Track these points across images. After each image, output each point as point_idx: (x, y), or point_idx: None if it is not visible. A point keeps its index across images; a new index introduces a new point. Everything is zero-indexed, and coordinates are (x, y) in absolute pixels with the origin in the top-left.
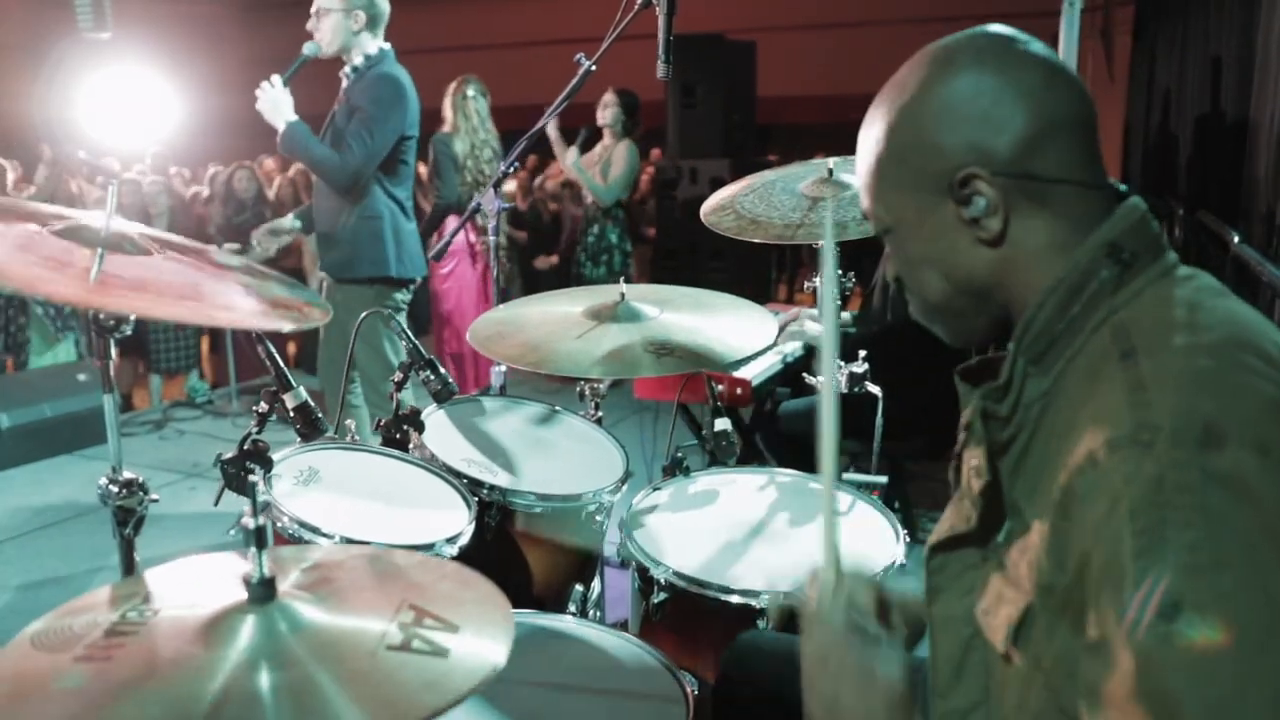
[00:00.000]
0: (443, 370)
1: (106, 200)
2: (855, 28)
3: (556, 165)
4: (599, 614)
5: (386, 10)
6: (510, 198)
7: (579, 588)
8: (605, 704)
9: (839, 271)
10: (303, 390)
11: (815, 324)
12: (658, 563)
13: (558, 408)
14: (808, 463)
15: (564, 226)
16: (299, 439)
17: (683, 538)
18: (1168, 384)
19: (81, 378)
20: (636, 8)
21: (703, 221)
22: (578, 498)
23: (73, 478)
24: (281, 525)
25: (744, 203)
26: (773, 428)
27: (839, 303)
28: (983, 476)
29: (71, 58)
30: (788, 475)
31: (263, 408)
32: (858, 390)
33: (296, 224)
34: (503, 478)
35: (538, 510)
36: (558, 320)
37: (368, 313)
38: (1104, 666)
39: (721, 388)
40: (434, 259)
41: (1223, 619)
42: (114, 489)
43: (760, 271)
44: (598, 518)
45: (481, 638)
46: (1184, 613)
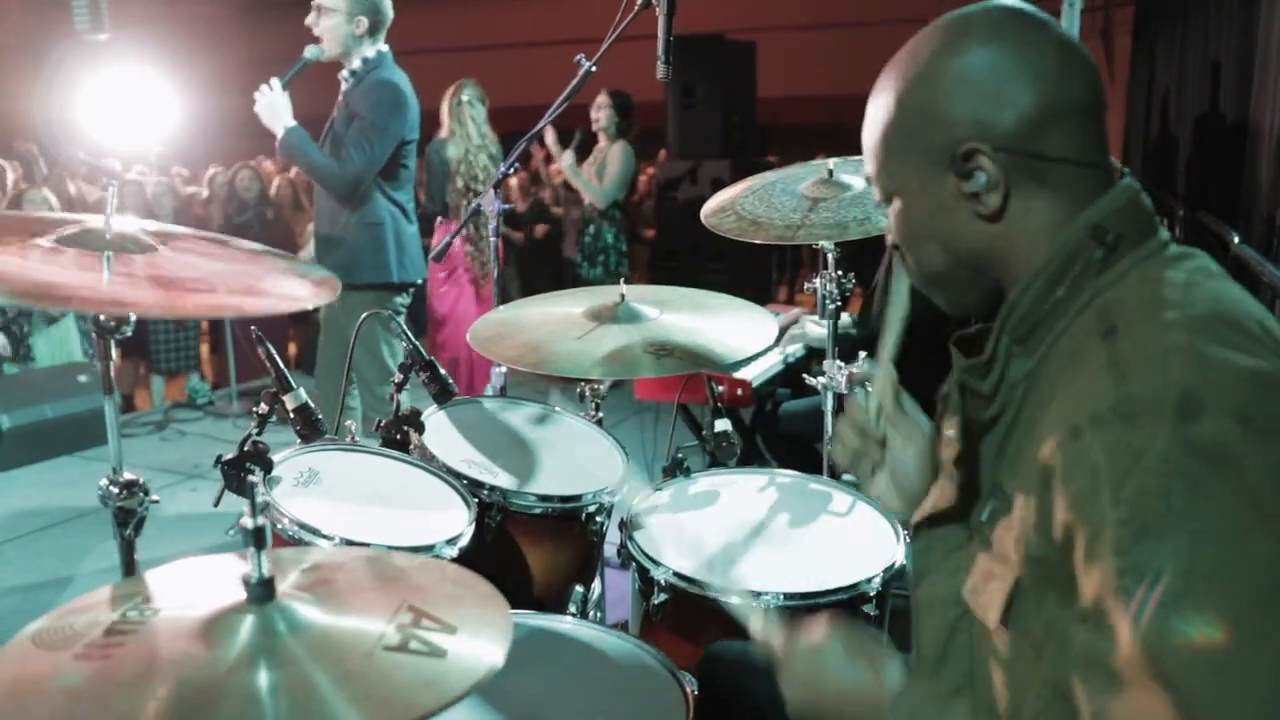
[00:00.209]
0: (442, 371)
1: (107, 201)
2: (855, 28)
3: (554, 165)
4: (599, 615)
5: (389, 16)
6: (508, 198)
7: (579, 588)
8: (605, 705)
9: (839, 272)
10: (303, 391)
11: (816, 326)
12: (658, 563)
13: (557, 408)
14: (808, 463)
15: (565, 226)
16: (299, 440)
17: (683, 539)
18: (1147, 358)
19: (82, 379)
20: (636, 8)
21: (703, 223)
22: (578, 499)
23: (73, 479)
24: (281, 527)
25: (744, 204)
26: (773, 428)
27: (838, 303)
28: (954, 446)
29: (71, 58)
30: (788, 476)
31: (263, 409)
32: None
33: None
34: (503, 479)
35: (538, 511)
36: (558, 321)
37: (368, 314)
38: (1097, 638)
39: (722, 388)
40: (434, 260)
41: (1209, 585)
42: (114, 490)
43: (760, 273)
44: (598, 519)
45: (479, 639)
46: (1171, 580)
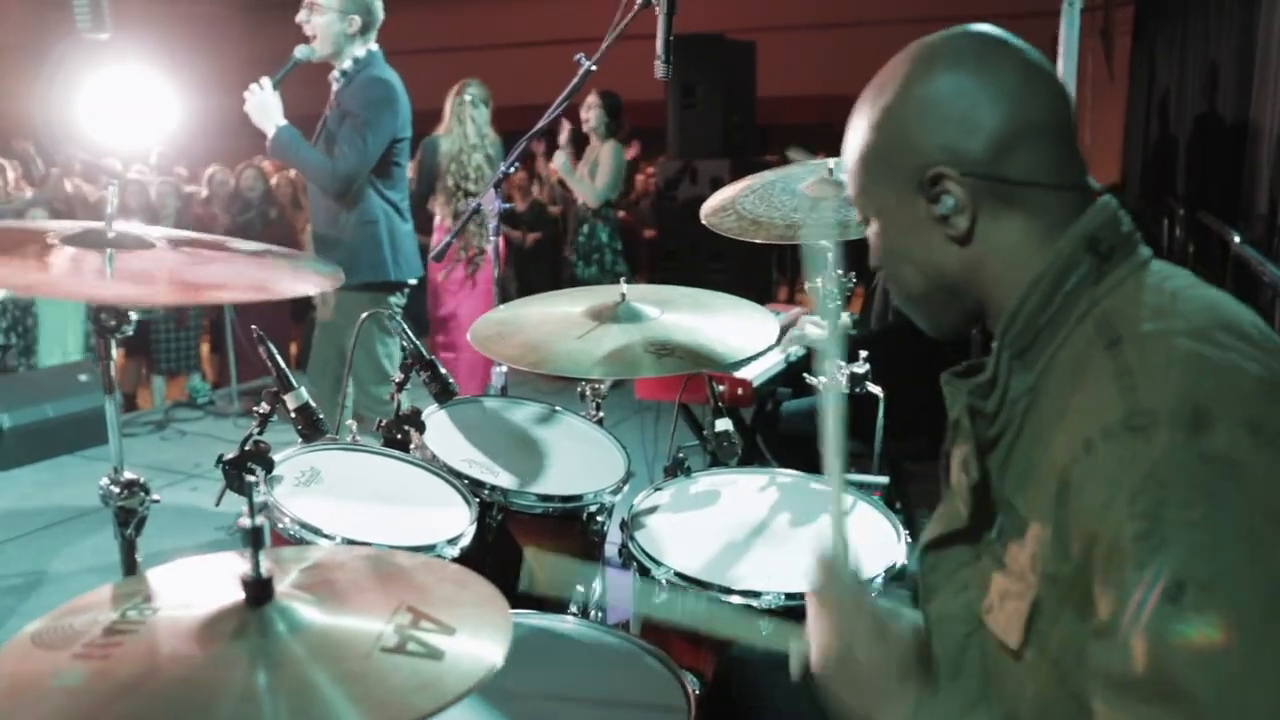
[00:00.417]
0: (443, 371)
1: (108, 201)
2: (855, 28)
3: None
4: (600, 614)
5: (380, 16)
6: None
7: (580, 588)
8: (606, 705)
9: (839, 272)
10: (304, 391)
11: (816, 328)
12: (659, 563)
13: (558, 408)
14: (809, 463)
15: (566, 224)
16: (300, 440)
17: (684, 538)
18: (1154, 369)
19: (83, 378)
20: (636, 8)
21: (703, 223)
22: (579, 498)
23: (74, 478)
24: (282, 526)
25: (744, 203)
26: (774, 428)
27: (839, 303)
28: (971, 474)
29: (71, 58)
30: (789, 476)
31: (264, 408)
32: (859, 390)
33: None
34: (504, 478)
35: (539, 511)
36: (558, 320)
37: (368, 314)
38: (1114, 652)
39: (723, 388)
40: (434, 259)
41: (1226, 596)
42: (115, 489)
43: (761, 272)
44: (599, 519)
45: (478, 641)
46: (1188, 593)
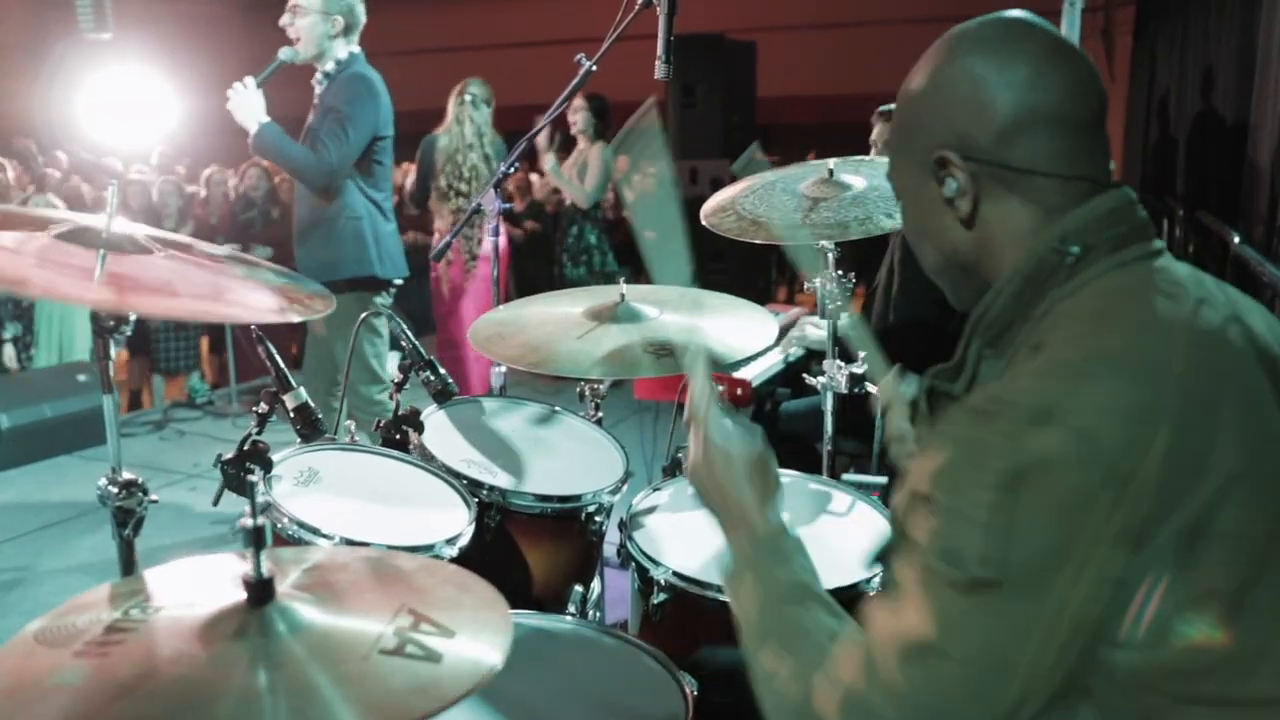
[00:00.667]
0: (442, 371)
1: (108, 201)
2: (855, 28)
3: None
4: (599, 615)
5: (363, 19)
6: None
7: (578, 588)
8: (605, 705)
9: (839, 272)
10: (303, 391)
11: (816, 329)
12: (657, 563)
13: (557, 408)
14: (808, 463)
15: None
16: (299, 439)
17: (683, 538)
18: (1039, 370)
19: (81, 378)
20: (637, 8)
21: (703, 223)
22: (578, 498)
23: (73, 478)
24: (281, 526)
25: (744, 203)
26: (773, 428)
27: (839, 303)
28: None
29: (72, 58)
30: (788, 475)
31: (263, 408)
32: (858, 391)
33: None
34: (502, 478)
35: (537, 511)
36: (558, 321)
37: (368, 314)
38: (899, 583)
39: (722, 388)
40: (434, 259)
41: (995, 572)
42: (113, 489)
43: (761, 272)
44: (597, 519)
45: (477, 643)
46: (963, 562)
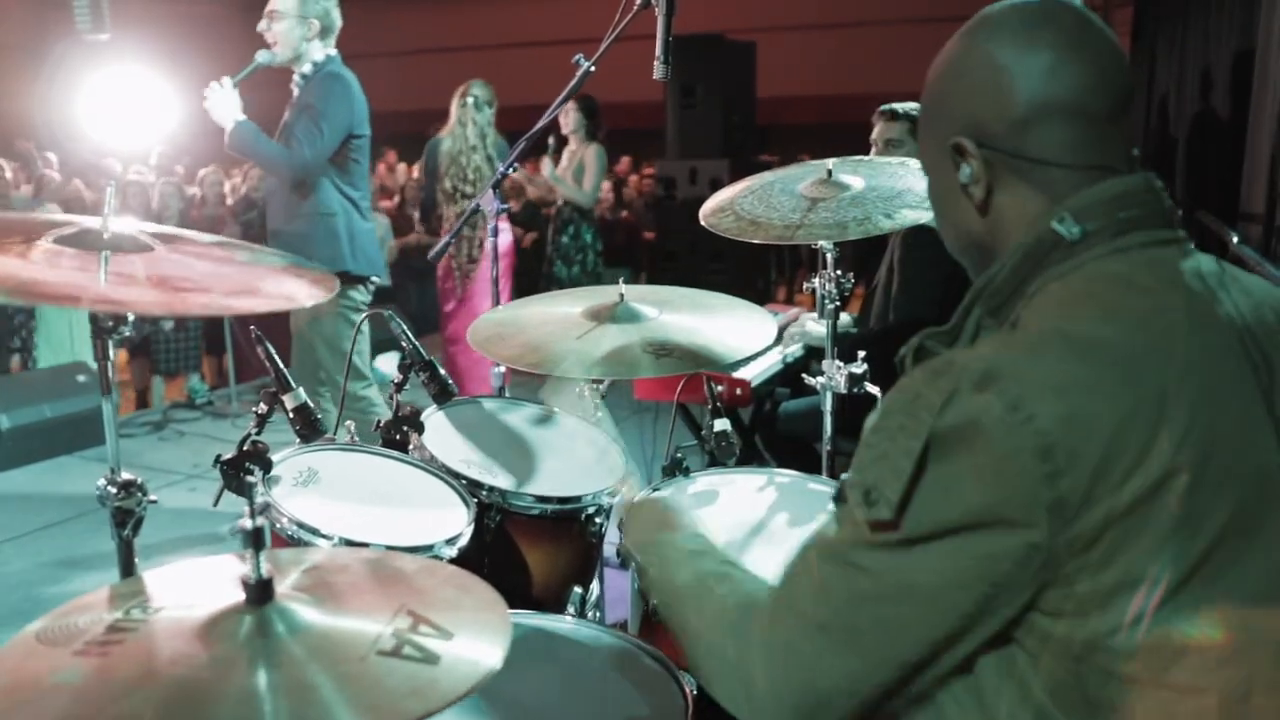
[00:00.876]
0: (442, 371)
1: (106, 200)
2: (855, 28)
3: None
4: (598, 615)
5: (338, 22)
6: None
7: (578, 589)
8: (605, 705)
9: (838, 272)
10: (302, 391)
11: (816, 326)
12: None
13: (557, 408)
14: (807, 463)
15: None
16: (298, 440)
17: None
18: (999, 344)
19: (81, 378)
20: (636, 8)
21: (702, 223)
22: (577, 499)
23: (73, 478)
24: (280, 526)
25: (743, 204)
26: (772, 428)
27: (838, 303)
28: None
29: (71, 58)
30: (787, 476)
31: (262, 409)
32: (857, 391)
33: None
34: (502, 479)
35: (536, 512)
36: (557, 321)
37: (369, 312)
38: (830, 526)
39: (721, 388)
40: (432, 259)
41: (903, 519)
42: (113, 490)
43: (760, 272)
44: (597, 519)
45: (475, 645)
46: (878, 505)
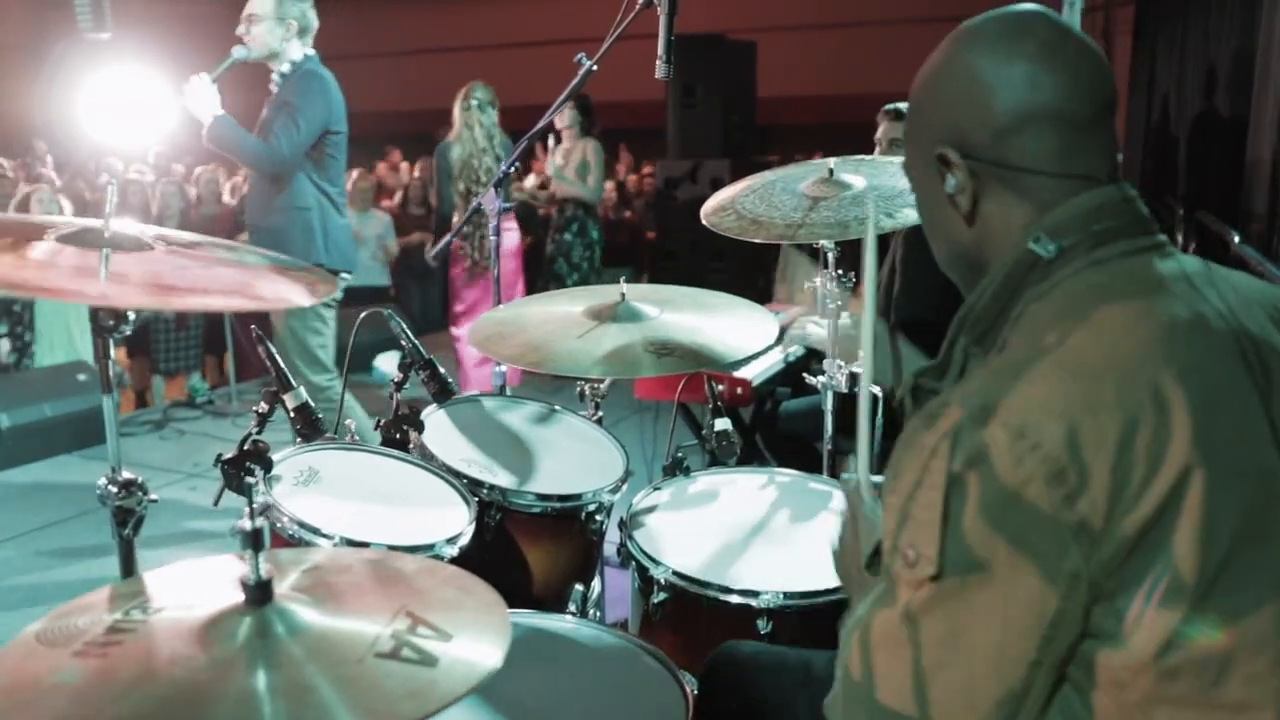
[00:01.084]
0: (442, 371)
1: (106, 200)
2: (855, 28)
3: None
4: (599, 614)
5: (315, 23)
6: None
7: (579, 587)
8: (605, 705)
9: (839, 272)
10: (303, 391)
11: (816, 329)
12: (658, 562)
13: (557, 407)
14: (808, 462)
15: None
16: (299, 439)
17: (683, 538)
18: (986, 373)
19: (82, 378)
20: (637, 8)
21: (703, 222)
22: (578, 498)
23: (73, 478)
24: (281, 526)
25: (744, 203)
26: (773, 428)
27: (838, 303)
28: None
29: (71, 58)
30: (788, 475)
31: (263, 408)
32: (858, 390)
33: None
34: (502, 478)
35: (537, 510)
36: (558, 320)
37: (368, 311)
38: (886, 579)
39: (722, 388)
40: (432, 259)
41: (949, 571)
42: (113, 489)
43: (761, 272)
44: (597, 518)
45: (474, 647)
46: (920, 563)
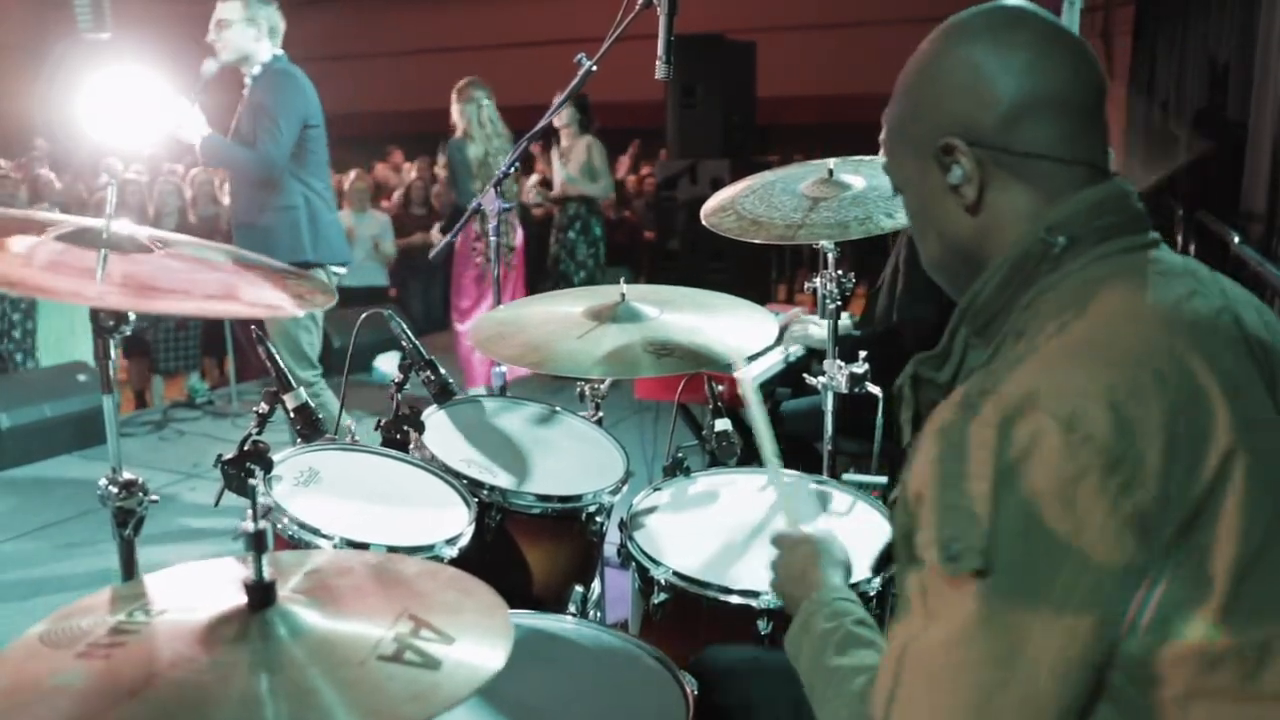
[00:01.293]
0: (442, 371)
1: (106, 200)
2: (855, 28)
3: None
4: (599, 615)
5: (282, 25)
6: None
7: (579, 588)
8: (605, 705)
9: (839, 272)
10: (303, 391)
11: (818, 330)
12: (658, 563)
13: (558, 408)
14: (808, 463)
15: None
16: (299, 439)
17: (683, 538)
18: (1019, 360)
19: (82, 378)
20: (637, 8)
21: (703, 223)
22: (578, 498)
23: (73, 478)
24: (281, 526)
25: (744, 203)
26: (773, 428)
27: (838, 303)
28: (906, 437)
29: (72, 58)
30: (788, 475)
31: (263, 408)
32: (858, 390)
33: None
34: (502, 478)
35: (537, 511)
36: (558, 320)
37: (369, 312)
38: (914, 591)
39: (722, 388)
40: (432, 259)
41: (997, 564)
42: (113, 490)
43: (761, 272)
44: (598, 519)
45: (476, 650)
46: (963, 557)
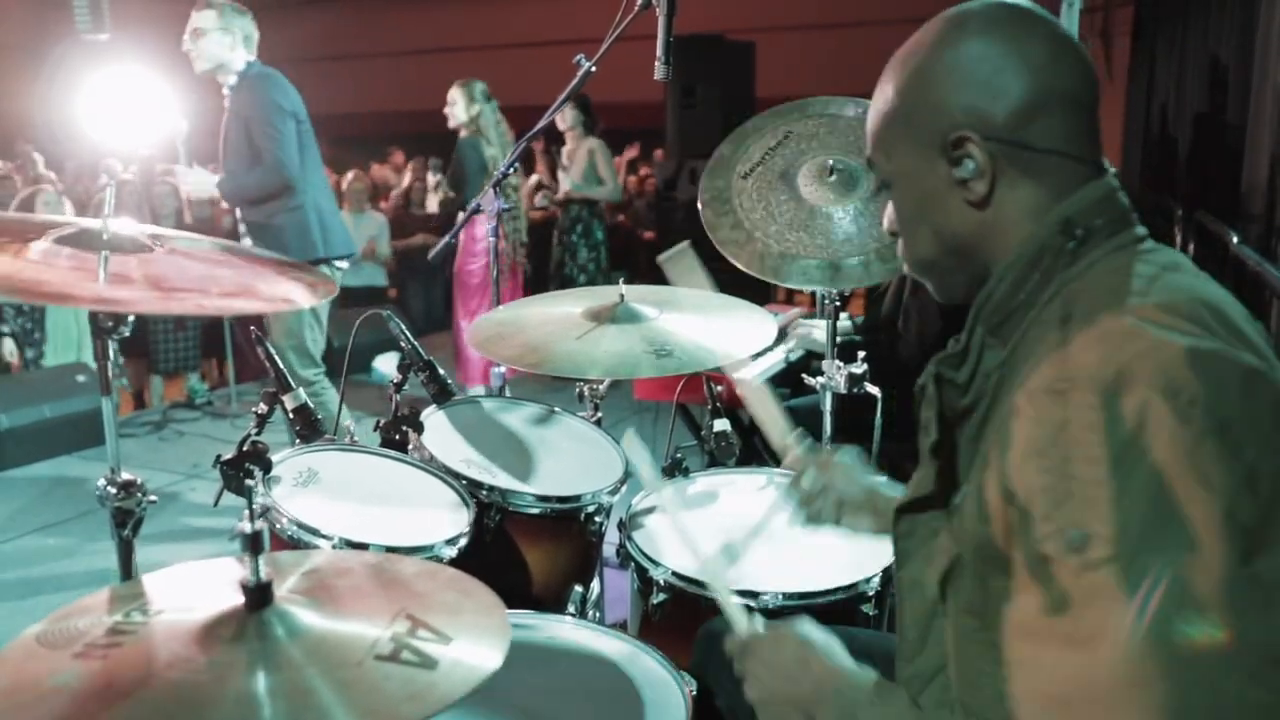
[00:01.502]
0: (441, 372)
1: (105, 201)
2: (855, 28)
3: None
4: (598, 615)
5: (256, 33)
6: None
7: (578, 588)
8: (605, 705)
9: None
10: (302, 392)
11: (822, 333)
12: (657, 563)
13: (556, 408)
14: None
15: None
16: (298, 440)
17: (682, 538)
18: (1090, 340)
19: (81, 379)
20: (636, 8)
21: (702, 222)
22: (577, 499)
23: (72, 478)
24: (280, 527)
25: (744, 204)
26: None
27: (837, 304)
28: (930, 435)
29: (71, 58)
30: (787, 475)
31: (262, 409)
32: (857, 391)
33: None
34: (502, 479)
35: (536, 511)
36: (558, 321)
37: (369, 313)
38: (1022, 597)
39: (721, 388)
40: (432, 260)
41: (1121, 547)
42: (112, 490)
43: None
44: (596, 519)
45: (473, 650)
46: (1091, 544)
